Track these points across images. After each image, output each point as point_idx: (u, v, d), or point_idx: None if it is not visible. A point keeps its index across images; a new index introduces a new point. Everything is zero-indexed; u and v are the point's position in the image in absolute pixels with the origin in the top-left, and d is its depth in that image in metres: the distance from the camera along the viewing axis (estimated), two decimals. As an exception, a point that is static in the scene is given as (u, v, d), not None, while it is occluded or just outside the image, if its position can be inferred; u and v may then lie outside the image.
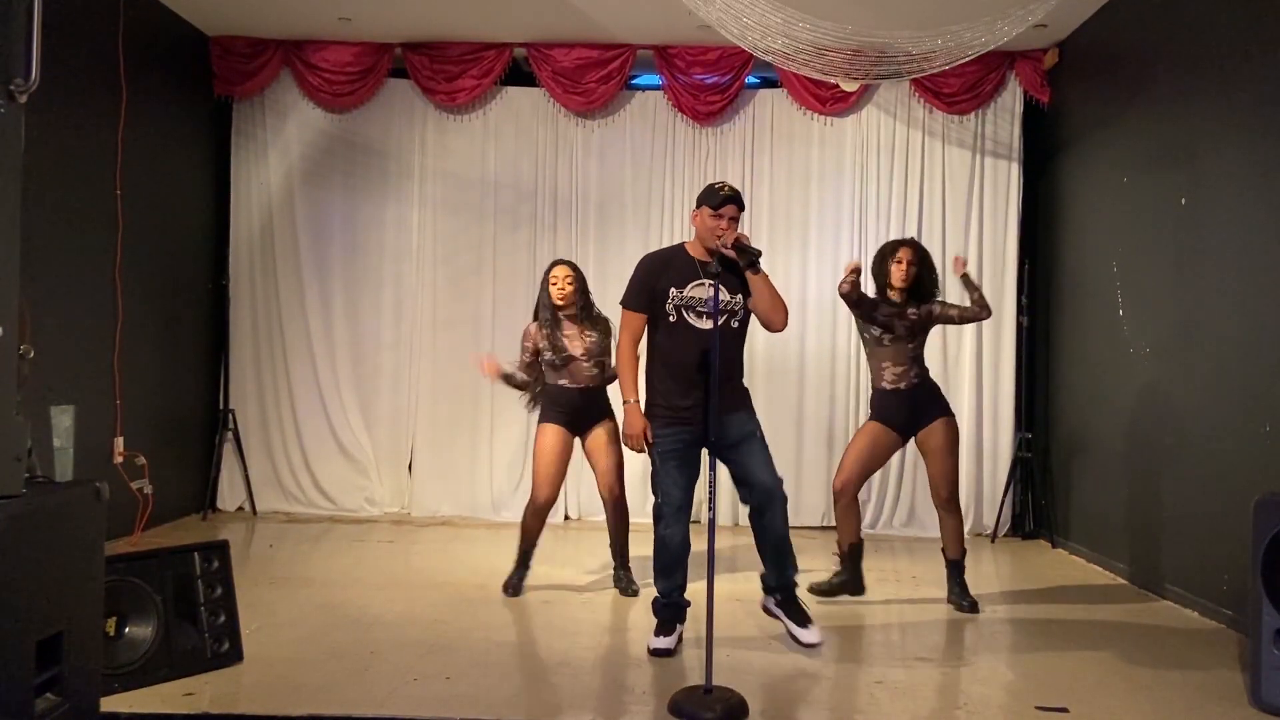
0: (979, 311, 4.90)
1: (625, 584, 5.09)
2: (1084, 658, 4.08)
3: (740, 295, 4.01)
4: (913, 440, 4.95)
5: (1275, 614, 3.41)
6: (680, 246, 4.15)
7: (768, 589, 4.18)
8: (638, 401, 4.05)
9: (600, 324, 5.04)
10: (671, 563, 4.07)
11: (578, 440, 5.03)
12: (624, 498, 5.06)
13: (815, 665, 3.91)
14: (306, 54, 7.11)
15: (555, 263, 5.09)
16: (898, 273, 4.82)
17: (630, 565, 5.15)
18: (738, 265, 3.94)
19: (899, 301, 4.85)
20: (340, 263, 7.29)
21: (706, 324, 3.93)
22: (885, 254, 4.92)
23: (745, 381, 4.23)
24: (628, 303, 4.09)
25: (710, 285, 3.88)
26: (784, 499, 4.05)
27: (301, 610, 4.55)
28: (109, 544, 2.92)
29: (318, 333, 7.25)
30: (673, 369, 4.00)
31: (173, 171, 6.82)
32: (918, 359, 4.87)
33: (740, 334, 4.10)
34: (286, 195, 7.27)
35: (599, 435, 4.98)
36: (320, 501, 7.19)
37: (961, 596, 4.86)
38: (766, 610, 4.22)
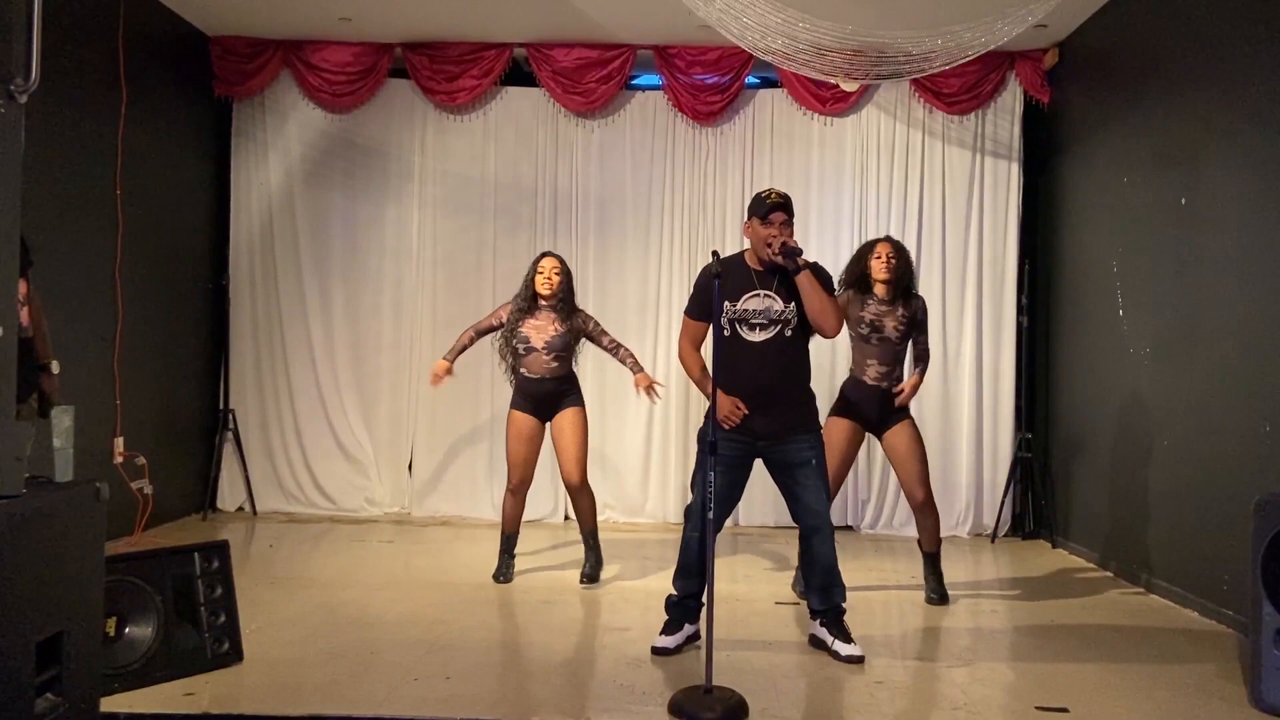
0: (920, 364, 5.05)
1: (591, 568, 5.15)
2: (1084, 658, 4.08)
3: (794, 304, 3.94)
4: (878, 442, 5.03)
5: (1275, 614, 3.41)
6: (740, 255, 4.10)
7: (814, 612, 4.11)
8: (716, 388, 3.93)
9: (575, 319, 5.12)
10: (690, 565, 4.03)
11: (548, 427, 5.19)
12: (586, 483, 5.14)
13: (815, 665, 3.91)
14: (306, 54, 7.11)
15: (544, 254, 5.22)
16: (879, 267, 4.86)
17: (600, 548, 5.24)
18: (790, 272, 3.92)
19: (888, 298, 4.88)
20: (340, 263, 7.29)
21: (760, 336, 3.92)
22: (864, 252, 4.98)
23: None
24: (689, 311, 4.12)
25: (765, 296, 3.91)
26: (831, 527, 4.04)
27: (301, 610, 4.55)
28: (109, 544, 2.92)
29: (318, 333, 7.25)
30: (731, 383, 3.91)
31: (173, 171, 6.82)
32: (901, 361, 4.92)
33: (795, 345, 4.00)
34: (286, 195, 7.28)
35: (559, 422, 5.10)
36: (320, 501, 7.19)
37: (934, 589, 4.95)
38: (812, 641, 4.10)
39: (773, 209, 3.93)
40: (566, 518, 7.11)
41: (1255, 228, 4.53)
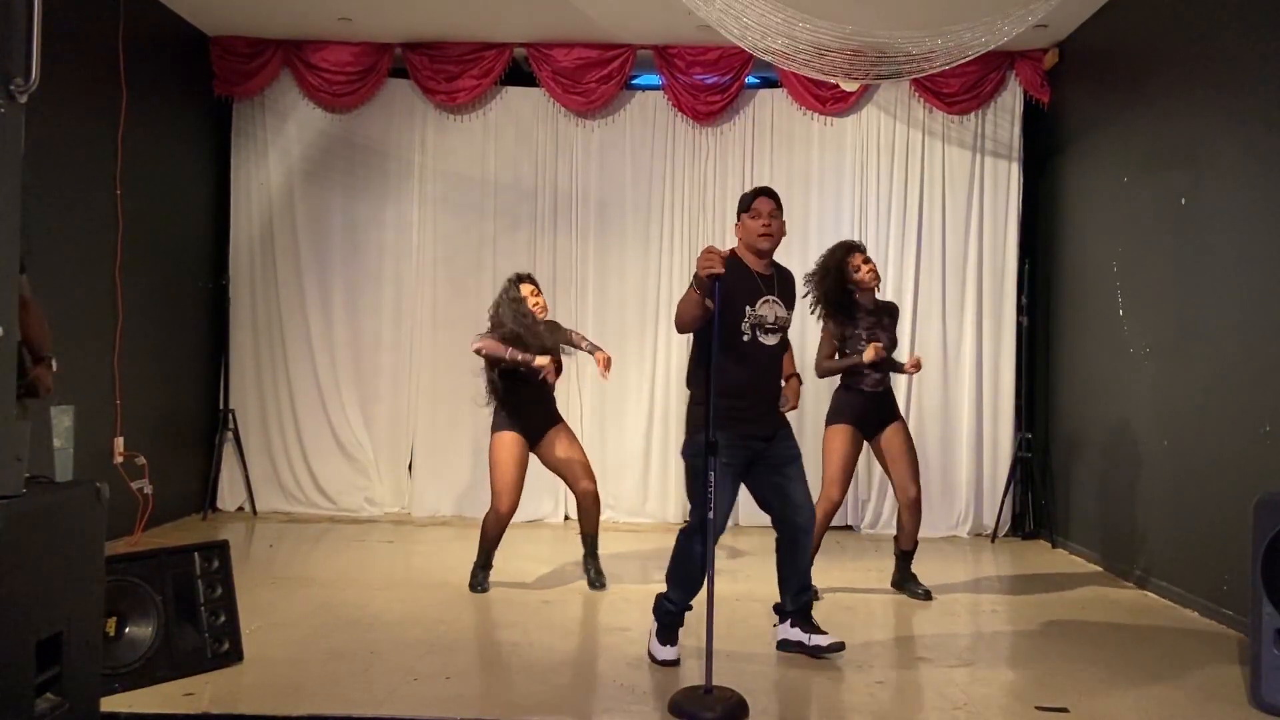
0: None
1: (595, 576, 5.10)
2: (1084, 658, 4.08)
3: (790, 314, 4.03)
4: (869, 443, 5.07)
5: (1275, 614, 3.41)
6: (733, 254, 3.96)
7: (782, 613, 4.08)
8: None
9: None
10: (693, 577, 3.89)
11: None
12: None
13: (815, 665, 3.90)
14: (306, 54, 7.11)
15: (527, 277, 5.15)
16: (868, 271, 4.91)
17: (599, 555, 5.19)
18: (790, 283, 4.03)
19: (872, 307, 4.96)
20: (340, 263, 7.29)
21: (772, 341, 3.93)
22: (841, 259, 4.94)
23: None
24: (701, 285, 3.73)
25: (774, 302, 3.91)
26: (814, 525, 4.10)
27: (301, 610, 4.55)
28: (109, 544, 2.92)
29: (318, 333, 7.25)
30: (744, 387, 3.83)
31: (173, 171, 6.83)
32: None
33: (782, 353, 4.12)
34: (286, 195, 7.28)
35: (558, 435, 5.03)
36: (320, 501, 7.20)
37: (918, 586, 5.06)
38: (784, 645, 4.06)
39: (755, 196, 3.97)
40: (566, 518, 7.12)
41: (1255, 227, 4.53)
